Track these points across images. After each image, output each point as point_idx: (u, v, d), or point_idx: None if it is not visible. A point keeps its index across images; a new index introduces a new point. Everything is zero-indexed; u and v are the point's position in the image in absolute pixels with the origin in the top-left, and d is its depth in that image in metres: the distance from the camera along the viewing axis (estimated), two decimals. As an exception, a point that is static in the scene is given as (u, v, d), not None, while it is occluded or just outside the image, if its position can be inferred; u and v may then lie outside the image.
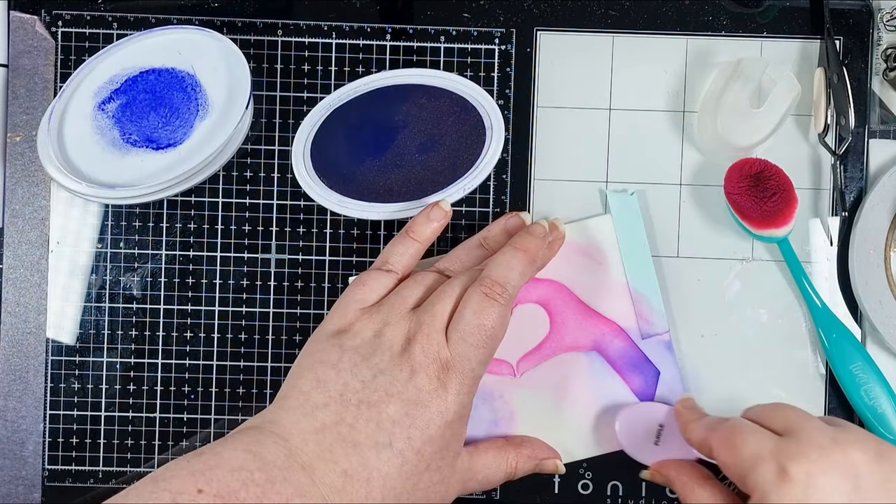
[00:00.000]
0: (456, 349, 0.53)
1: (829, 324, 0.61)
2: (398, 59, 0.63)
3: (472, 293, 0.54)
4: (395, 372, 0.52)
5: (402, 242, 0.59)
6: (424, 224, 0.59)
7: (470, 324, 0.53)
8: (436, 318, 0.54)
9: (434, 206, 0.60)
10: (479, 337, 0.53)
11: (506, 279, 0.55)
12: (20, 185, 0.63)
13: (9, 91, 0.63)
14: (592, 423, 0.61)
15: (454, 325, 0.54)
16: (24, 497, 0.62)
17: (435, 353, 0.53)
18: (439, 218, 0.59)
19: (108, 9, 0.63)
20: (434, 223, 0.59)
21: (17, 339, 0.63)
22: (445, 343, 0.53)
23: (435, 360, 0.53)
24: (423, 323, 0.54)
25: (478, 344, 0.53)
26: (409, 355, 0.53)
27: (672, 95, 0.63)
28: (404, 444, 0.51)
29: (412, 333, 0.53)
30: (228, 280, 0.63)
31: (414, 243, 0.59)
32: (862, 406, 0.60)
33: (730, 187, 0.60)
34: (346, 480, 0.50)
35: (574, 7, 0.63)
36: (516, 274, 0.56)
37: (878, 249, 0.62)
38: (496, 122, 0.62)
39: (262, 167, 0.63)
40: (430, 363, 0.53)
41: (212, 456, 0.49)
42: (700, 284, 0.63)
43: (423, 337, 0.53)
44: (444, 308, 0.54)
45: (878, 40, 0.63)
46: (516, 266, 0.56)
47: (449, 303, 0.55)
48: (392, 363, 0.53)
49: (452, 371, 0.53)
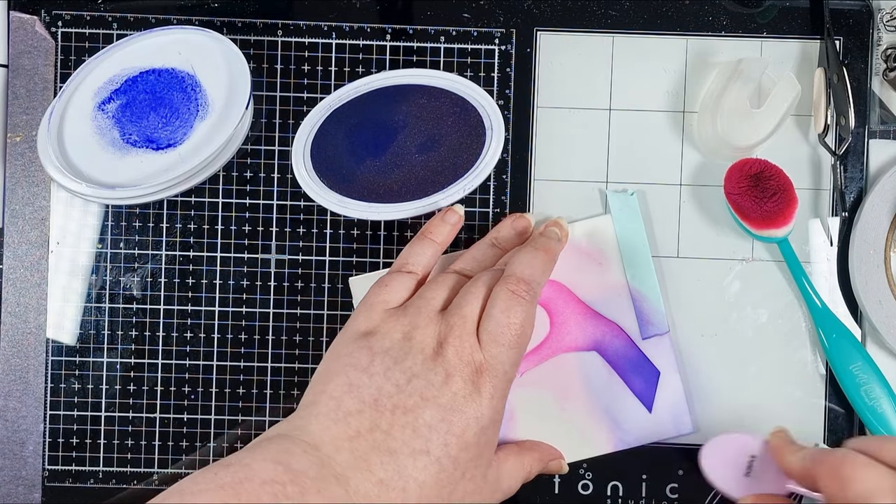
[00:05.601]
0: (489, 351, 0.52)
1: (829, 324, 0.61)
2: (398, 60, 0.63)
3: (498, 292, 0.53)
4: (429, 376, 0.51)
5: (420, 244, 0.58)
6: (440, 226, 0.59)
7: (500, 324, 0.52)
8: (466, 320, 0.53)
9: (448, 210, 0.60)
10: (510, 337, 0.53)
11: (531, 276, 0.55)
12: (20, 185, 0.63)
13: (9, 91, 0.63)
14: (593, 423, 0.61)
15: (484, 326, 0.53)
16: (24, 497, 0.62)
17: (469, 355, 0.52)
18: (454, 221, 0.60)
19: (108, 9, 0.63)
20: (449, 225, 0.59)
21: (17, 339, 0.63)
22: (478, 345, 0.52)
23: (469, 363, 0.52)
24: (454, 325, 0.52)
25: (510, 344, 0.53)
26: (442, 359, 0.51)
27: (672, 95, 0.63)
28: (441, 451, 0.50)
29: (443, 336, 0.52)
30: (228, 280, 0.63)
31: (433, 244, 0.59)
32: (862, 406, 0.60)
33: (730, 187, 0.60)
34: (381, 490, 0.48)
35: (574, 7, 0.63)
36: (539, 272, 0.55)
37: (878, 249, 0.62)
38: (496, 123, 0.62)
39: (262, 167, 0.63)
40: (464, 366, 0.51)
41: (240, 468, 0.46)
42: (700, 284, 0.63)
43: (456, 339, 0.52)
44: (472, 309, 0.53)
45: (878, 40, 0.63)
46: (539, 265, 0.56)
47: (477, 303, 0.54)
48: (425, 366, 0.51)
49: (486, 374, 0.52)
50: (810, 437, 0.62)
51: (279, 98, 0.63)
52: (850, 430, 0.62)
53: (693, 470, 0.62)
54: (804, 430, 0.62)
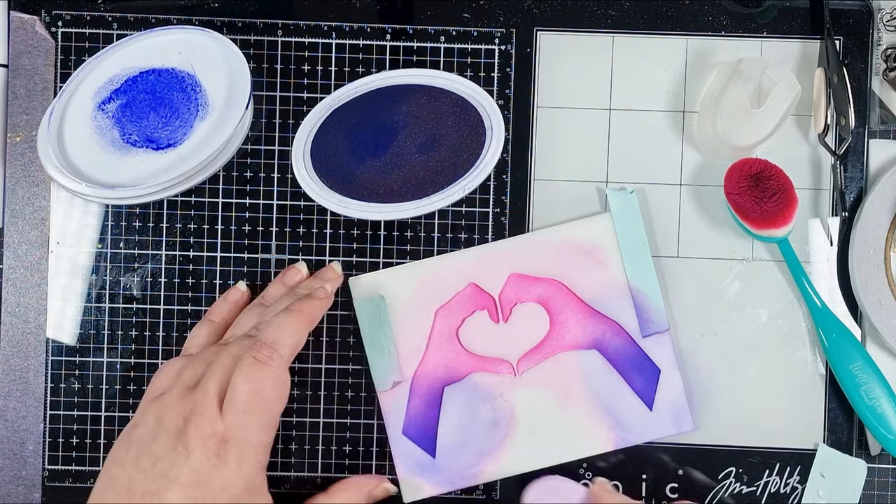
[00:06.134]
0: (230, 420, 0.52)
1: (829, 324, 0.61)
2: (398, 59, 0.63)
3: (241, 361, 0.54)
4: (171, 456, 0.51)
5: (198, 326, 0.60)
6: (221, 305, 0.61)
7: (241, 392, 0.53)
8: (208, 395, 0.53)
9: (232, 289, 0.61)
10: (252, 403, 0.53)
11: (276, 340, 0.55)
12: (20, 185, 0.63)
13: (9, 91, 0.63)
14: (593, 422, 0.61)
15: (227, 395, 0.53)
16: (24, 497, 0.62)
17: (209, 428, 0.52)
18: (235, 299, 0.61)
19: (108, 9, 0.63)
20: (230, 303, 0.61)
21: (17, 339, 0.63)
22: (219, 416, 0.52)
23: (210, 435, 0.52)
24: (197, 401, 0.53)
25: (252, 410, 0.53)
26: (184, 437, 0.52)
27: (672, 95, 0.63)
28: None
29: (188, 413, 0.53)
30: (228, 280, 0.63)
31: (210, 323, 0.60)
32: (862, 406, 0.60)
33: (730, 187, 0.60)
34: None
35: (574, 7, 0.63)
36: (288, 334, 0.55)
37: (878, 249, 0.62)
38: (496, 123, 0.62)
39: (262, 167, 0.63)
40: (205, 440, 0.52)
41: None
42: (700, 284, 0.63)
43: (196, 415, 0.52)
44: (214, 382, 0.53)
45: (878, 40, 0.63)
46: (288, 327, 0.56)
47: (219, 375, 0.54)
48: (168, 447, 0.52)
49: (230, 443, 0.52)
50: (810, 437, 0.62)
51: (279, 98, 0.63)
52: (850, 429, 0.62)
53: (693, 470, 0.62)
54: (804, 430, 0.62)
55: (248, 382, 0.53)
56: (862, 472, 0.62)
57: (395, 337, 0.62)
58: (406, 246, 0.63)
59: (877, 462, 0.63)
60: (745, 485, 0.62)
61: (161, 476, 0.51)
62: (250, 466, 0.53)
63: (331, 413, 0.63)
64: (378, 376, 0.62)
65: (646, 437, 0.61)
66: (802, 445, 0.62)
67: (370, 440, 0.63)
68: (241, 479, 0.52)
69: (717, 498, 0.62)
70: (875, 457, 0.63)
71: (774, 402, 0.62)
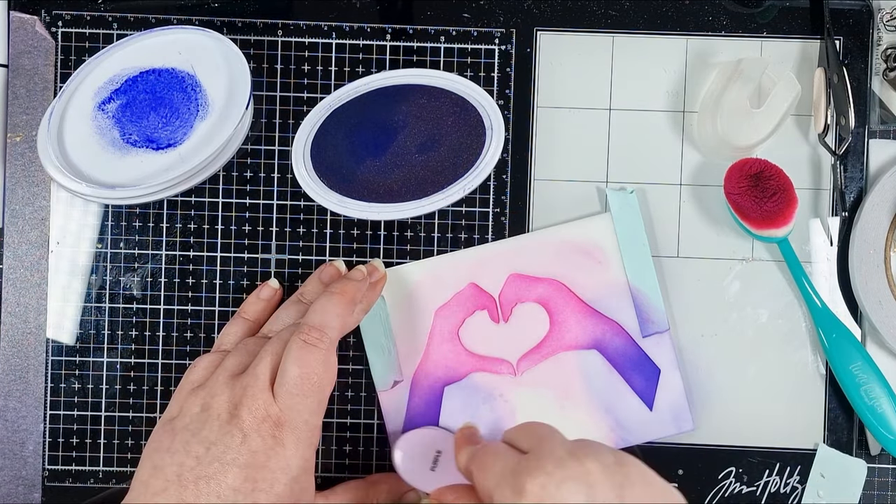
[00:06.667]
0: (284, 402, 0.53)
1: (829, 324, 0.61)
2: (398, 59, 0.63)
3: (291, 344, 0.54)
4: (226, 440, 0.52)
5: (232, 323, 0.60)
6: (254, 303, 0.61)
7: (293, 374, 0.53)
8: (259, 379, 0.53)
9: (264, 286, 0.62)
10: (305, 386, 0.53)
11: (323, 323, 0.55)
12: (20, 185, 0.63)
13: (9, 91, 0.63)
14: (593, 422, 0.61)
15: (279, 379, 0.53)
16: (24, 497, 0.62)
17: (263, 411, 0.52)
18: (269, 296, 0.61)
19: (108, 9, 0.63)
20: (263, 301, 0.61)
21: (17, 339, 0.63)
22: (272, 399, 0.53)
23: (265, 418, 0.52)
24: (247, 385, 0.53)
25: (305, 393, 0.53)
26: (237, 420, 0.52)
27: (672, 95, 0.63)
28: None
29: (238, 398, 0.53)
30: (228, 280, 0.63)
31: (244, 321, 0.60)
32: (862, 406, 0.60)
33: (730, 187, 0.60)
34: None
35: (574, 7, 0.63)
36: (333, 316, 0.55)
37: (878, 249, 0.62)
38: (496, 123, 0.62)
39: (262, 167, 0.63)
40: (260, 423, 0.52)
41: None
42: (700, 284, 0.63)
43: (248, 399, 0.53)
44: (265, 366, 0.54)
45: (878, 40, 0.63)
46: (332, 309, 0.56)
47: (270, 360, 0.54)
48: (222, 432, 0.52)
49: (286, 426, 0.53)
50: (810, 437, 0.62)
51: (279, 98, 0.63)
52: (850, 429, 0.62)
53: (693, 470, 0.62)
54: (804, 430, 0.62)
55: (300, 366, 0.53)
56: (862, 472, 0.62)
57: (396, 337, 0.62)
58: (406, 246, 0.63)
59: (877, 462, 0.63)
60: (745, 485, 0.62)
61: (216, 459, 0.51)
62: (306, 448, 0.53)
63: (331, 413, 0.63)
64: (378, 376, 0.62)
65: (646, 437, 0.61)
66: (802, 445, 0.62)
67: (370, 440, 0.63)
68: (299, 459, 0.53)
69: (717, 498, 0.62)
70: (875, 457, 0.63)
71: (774, 402, 0.62)
